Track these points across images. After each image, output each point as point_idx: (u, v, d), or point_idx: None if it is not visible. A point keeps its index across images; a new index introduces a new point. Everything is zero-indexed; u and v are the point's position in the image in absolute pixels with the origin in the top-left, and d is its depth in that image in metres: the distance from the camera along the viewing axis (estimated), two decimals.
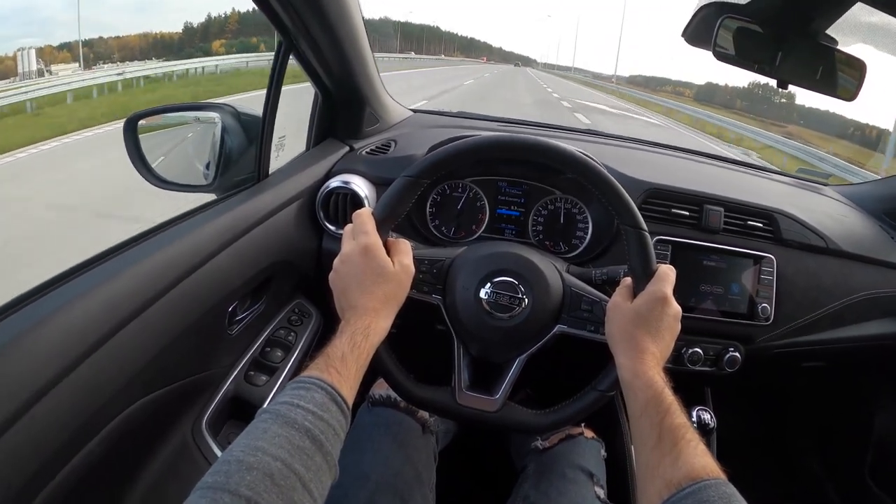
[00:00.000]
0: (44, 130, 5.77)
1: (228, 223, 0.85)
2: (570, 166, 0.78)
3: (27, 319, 0.57)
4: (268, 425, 0.51)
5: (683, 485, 0.52)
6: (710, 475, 0.52)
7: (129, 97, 8.59)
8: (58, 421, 0.57)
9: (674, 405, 0.61)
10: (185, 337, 0.77)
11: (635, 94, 26.64)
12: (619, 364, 0.70)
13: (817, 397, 1.44)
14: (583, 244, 1.09)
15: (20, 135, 5.72)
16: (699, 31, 0.95)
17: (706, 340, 1.07)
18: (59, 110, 7.16)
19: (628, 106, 20.23)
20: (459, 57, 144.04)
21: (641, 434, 0.62)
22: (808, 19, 0.88)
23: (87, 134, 5.94)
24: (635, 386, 0.65)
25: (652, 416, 0.61)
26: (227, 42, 26.94)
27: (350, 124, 1.22)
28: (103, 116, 6.41)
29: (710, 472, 0.53)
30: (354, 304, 0.68)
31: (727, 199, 1.08)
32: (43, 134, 5.66)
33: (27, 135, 5.63)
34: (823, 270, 1.11)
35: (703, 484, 0.51)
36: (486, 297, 0.79)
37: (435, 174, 0.78)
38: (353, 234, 0.71)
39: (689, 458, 0.55)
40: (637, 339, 0.69)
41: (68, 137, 5.80)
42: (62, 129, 5.93)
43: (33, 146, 5.36)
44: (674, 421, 0.59)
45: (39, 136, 5.57)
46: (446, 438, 1.05)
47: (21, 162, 5.00)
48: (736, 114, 19.49)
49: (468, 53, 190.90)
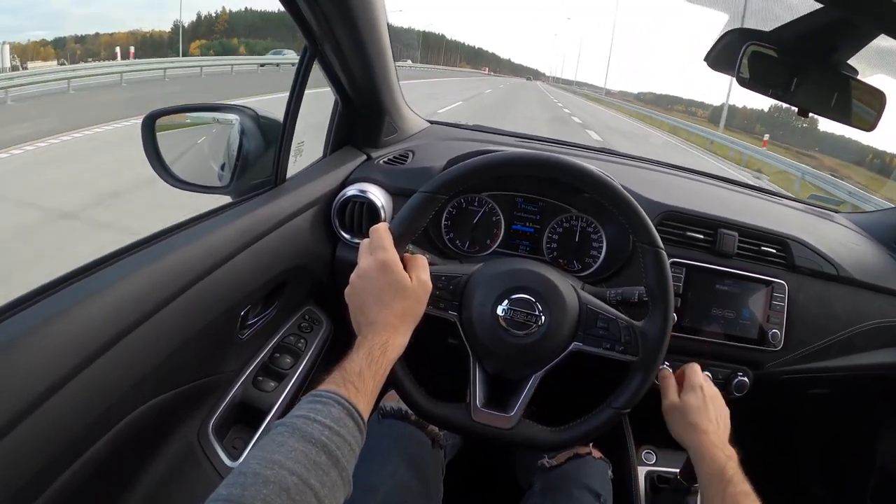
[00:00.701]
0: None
1: (245, 226, 0.85)
2: (589, 184, 0.79)
3: (41, 314, 0.57)
4: (284, 438, 0.50)
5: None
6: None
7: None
8: (66, 419, 0.57)
9: (736, 476, 0.70)
10: (197, 339, 0.76)
11: (645, 112, 26.39)
12: (688, 448, 0.80)
13: (822, 423, 1.44)
14: (596, 263, 1.09)
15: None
16: (722, 56, 0.96)
17: (716, 364, 1.07)
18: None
19: (637, 125, 19.99)
20: (467, 68, 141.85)
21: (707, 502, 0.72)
22: (832, 49, 0.88)
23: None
24: (701, 462, 0.75)
25: (716, 486, 0.70)
26: (205, 44, 26.72)
27: (369, 133, 1.22)
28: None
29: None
30: (372, 320, 0.67)
31: (742, 223, 1.09)
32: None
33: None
34: (834, 298, 1.11)
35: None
36: (504, 313, 0.79)
37: (453, 190, 0.78)
38: (370, 248, 0.71)
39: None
40: (696, 424, 0.79)
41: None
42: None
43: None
44: (735, 489, 0.68)
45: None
46: (452, 452, 1.04)
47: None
48: (755, 138, 19.09)
49: (475, 64, 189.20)
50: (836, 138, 18.02)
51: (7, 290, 0.65)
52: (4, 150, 5.53)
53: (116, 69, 11.65)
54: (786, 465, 1.48)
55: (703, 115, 39.78)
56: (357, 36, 0.94)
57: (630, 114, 26.65)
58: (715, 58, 0.99)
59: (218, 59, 19.00)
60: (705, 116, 34.98)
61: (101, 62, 15.31)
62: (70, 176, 4.99)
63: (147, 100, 8.94)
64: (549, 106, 22.82)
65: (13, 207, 4.04)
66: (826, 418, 1.43)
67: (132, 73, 11.48)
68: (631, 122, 21.01)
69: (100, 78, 10.79)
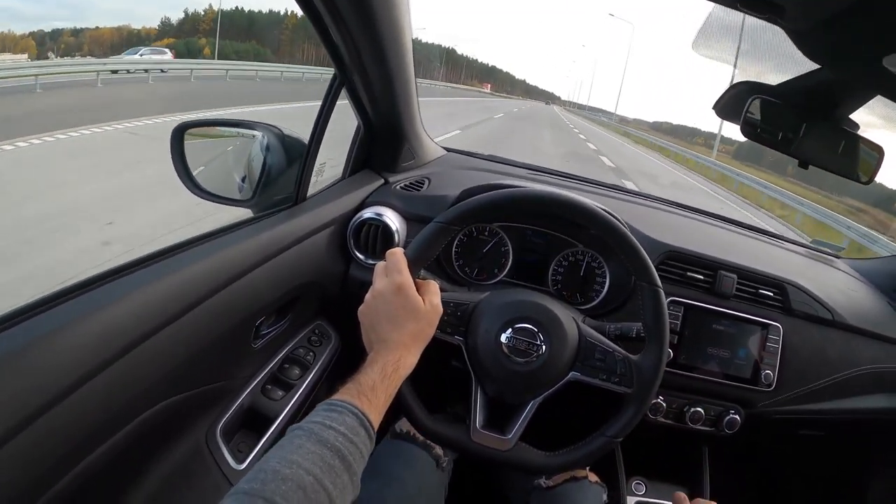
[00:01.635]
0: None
1: (266, 242, 0.89)
2: (594, 223, 0.84)
3: (67, 315, 0.60)
4: (302, 441, 0.54)
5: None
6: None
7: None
8: (83, 417, 0.60)
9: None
10: (213, 346, 0.80)
11: (676, 150, 23.13)
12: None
13: (813, 464, 1.45)
14: (598, 297, 1.12)
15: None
16: (729, 105, 1.00)
17: (708, 401, 1.09)
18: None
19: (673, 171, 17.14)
20: (474, 86, 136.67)
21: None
22: (833, 105, 0.93)
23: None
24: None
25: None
26: (172, 43, 26.45)
27: (387, 158, 1.26)
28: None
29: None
30: (385, 339, 0.71)
31: (741, 266, 1.12)
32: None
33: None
34: (828, 342, 1.13)
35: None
36: (507, 341, 0.82)
37: (467, 223, 0.83)
38: (386, 271, 0.75)
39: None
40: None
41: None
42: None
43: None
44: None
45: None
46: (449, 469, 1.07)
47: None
48: (790, 182, 17.19)
49: (489, 83, 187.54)
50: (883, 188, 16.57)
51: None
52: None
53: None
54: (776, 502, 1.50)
55: (724, 149, 38.08)
56: (385, 66, 0.98)
57: (658, 150, 23.94)
58: (723, 107, 1.03)
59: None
60: (728, 152, 33.45)
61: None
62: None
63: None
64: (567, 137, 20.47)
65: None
66: (817, 460, 1.44)
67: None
68: (665, 165, 18.37)
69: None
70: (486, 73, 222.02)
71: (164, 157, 0.99)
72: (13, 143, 5.36)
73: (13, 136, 5.46)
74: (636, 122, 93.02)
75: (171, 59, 20.35)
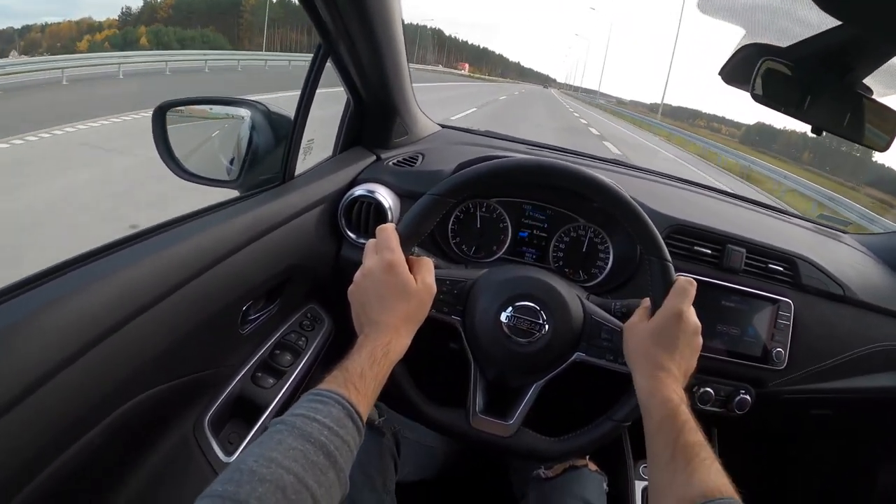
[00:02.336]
0: None
1: (251, 221, 0.85)
2: (599, 194, 0.79)
3: (42, 299, 0.56)
4: (283, 437, 0.50)
5: (697, 502, 0.52)
6: (723, 494, 0.52)
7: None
8: (62, 406, 0.56)
9: (689, 423, 0.62)
10: (198, 332, 0.76)
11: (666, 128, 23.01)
12: (636, 384, 0.71)
13: (823, 446, 1.43)
14: (602, 274, 1.08)
15: None
16: (737, 70, 0.95)
17: (718, 381, 1.06)
18: None
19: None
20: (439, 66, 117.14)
21: (655, 452, 0.62)
22: (847, 68, 0.88)
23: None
24: (651, 405, 0.66)
25: (666, 433, 0.61)
26: (111, 35, 24.88)
27: (379, 133, 1.22)
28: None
29: (724, 491, 0.53)
30: (375, 321, 0.67)
31: (750, 240, 1.08)
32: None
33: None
34: (840, 319, 1.10)
35: (716, 503, 0.51)
36: (507, 320, 0.78)
37: (462, 195, 0.78)
38: (376, 248, 0.71)
39: (703, 476, 0.55)
40: (654, 358, 0.70)
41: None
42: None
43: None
44: (688, 439, 0.59)
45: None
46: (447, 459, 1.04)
47: None
48: (805, 169, 16.76)
49: (464, 63, 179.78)
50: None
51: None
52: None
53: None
54: (783, 485, 1.47)
55: (727, 131, 36.70)
56: (372, 35, 0.93)
57: (670, 138, 21.50)
58: (730, 72, 0.98)
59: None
60: (730, 134, 32.11)
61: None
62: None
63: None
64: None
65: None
66: (827, 439, 1.42)
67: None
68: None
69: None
70: (478, 56, 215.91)
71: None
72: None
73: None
74: (633, 104, 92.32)
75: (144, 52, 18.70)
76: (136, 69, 12.37)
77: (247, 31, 62.60)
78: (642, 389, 0.69)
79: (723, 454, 1.17)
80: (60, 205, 3.88)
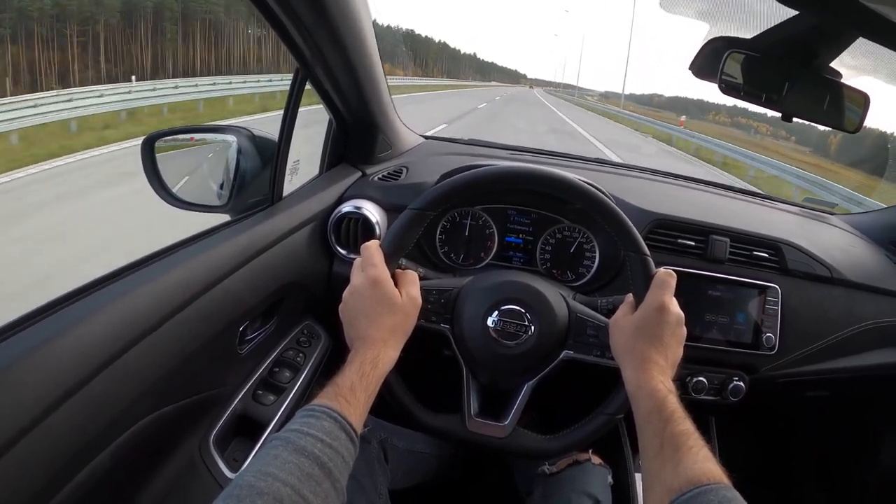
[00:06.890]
0: None
1: (243, 244, 0.87)
2: (575, 196, 0.81)
3: (43, 333, 0.58)
4: (278, 451, 0.52)
5: (684, 490, 0.53)
6: (711, 480, 0.53)
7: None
8: (68, 434, 0.58)
9: (677, 413, 0.63)
10: (197, 355, 0.78)
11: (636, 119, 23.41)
12: (624, 377, 0.72)
13: (821, 428, 1.43)
14: (590, 273, 1.09)
15: None
16: (706, 64, 0.97)
17: (711, 370, 1.07)
18: None
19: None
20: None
21: (645, 443, 0.63)
22: (813, 54, 0.90)
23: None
24: (638, 396, 0.67)
25: (654, 424, 0.62)
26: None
27: (363, 150, 1.24)
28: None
29: (711, 476, 0.54)
30: (363, 335, 0.70)
31: (733, 229, 1.09)
32: None
33: None
34: (828, 300, 1.11)
35: (703, 489, 0.52)
36: (494, 325, 0.80)
37: (441, 206, 0.80)
38: (361, 266, 0.73)
39: (691, 463, 0.56)
40: (639, 351, 0.71)
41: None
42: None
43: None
44: (675, 428, 0.60)
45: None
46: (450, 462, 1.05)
47: None
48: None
49: (454, 74, 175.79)
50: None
51: None
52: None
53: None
54: (785, 472, 1.47)
55: (721, 119, 35.71)
56: (346, 57, 0.96)
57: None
58: (699, 66, 1.00)
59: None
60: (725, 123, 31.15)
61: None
62: None
63: None
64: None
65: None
66: (825, 421, 1.42)
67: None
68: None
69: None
70: (455, 60, 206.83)
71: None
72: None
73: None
74: (616, 98, 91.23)
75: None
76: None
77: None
78: (630, 382, 0.70)
79: (722, 442, 1.19)
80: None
